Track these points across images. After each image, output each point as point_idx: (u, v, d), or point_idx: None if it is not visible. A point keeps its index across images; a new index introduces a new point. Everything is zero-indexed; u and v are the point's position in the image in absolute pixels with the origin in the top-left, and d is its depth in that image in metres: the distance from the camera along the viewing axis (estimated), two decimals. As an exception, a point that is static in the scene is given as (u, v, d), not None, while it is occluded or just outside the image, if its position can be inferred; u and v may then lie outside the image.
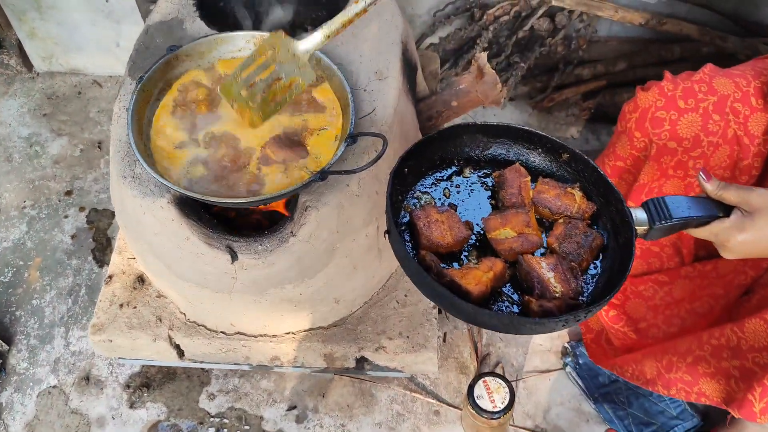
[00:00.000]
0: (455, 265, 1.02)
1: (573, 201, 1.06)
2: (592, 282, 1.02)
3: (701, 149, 1.37)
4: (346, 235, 1.38)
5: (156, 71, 1.29)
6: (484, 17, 2.11)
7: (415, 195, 1.09)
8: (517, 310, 0.98)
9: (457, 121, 1.67)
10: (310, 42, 1.11)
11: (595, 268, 1.03)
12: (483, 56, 1.55)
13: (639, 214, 1.00)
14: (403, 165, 1.05)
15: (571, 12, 2.09)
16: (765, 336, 1.23)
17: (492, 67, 2.13)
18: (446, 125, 1.12)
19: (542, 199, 1.07)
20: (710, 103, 1.35)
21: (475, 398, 1.51)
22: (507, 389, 1.52)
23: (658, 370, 1.40)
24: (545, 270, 0.97)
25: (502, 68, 2.17)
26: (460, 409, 1.67)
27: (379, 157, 1.17)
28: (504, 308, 0.98)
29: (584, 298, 0.99)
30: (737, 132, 1.35)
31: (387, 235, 1.00)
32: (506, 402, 1.51)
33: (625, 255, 0.98)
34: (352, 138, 1.23)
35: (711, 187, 1.01)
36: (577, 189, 1.08)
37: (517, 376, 1.74)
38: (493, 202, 1.10)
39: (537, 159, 1.14)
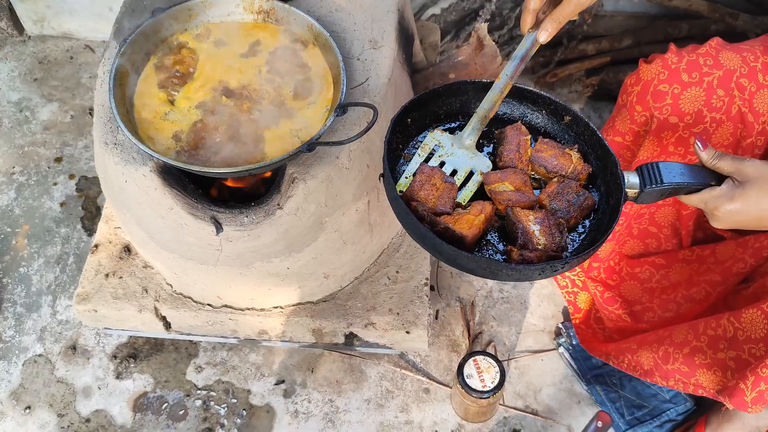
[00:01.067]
0: None
1: (569, 161, 1.07)
2: (578, 240, 1.04)
3: (703, 125, 1.33)
4: (336, 208, 1.34)
5: (140, 34, 1.24)
6: (488, -12, 2.05)
7: (416, 144, 1.10)
8: (500, 259, 1.00)
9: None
10: (473, 134, 1.08)
11: (583, 227, 1.05)
12: (483, 27, 1.50)
13: (631, 178, 1.00)
14: (405, 114, 1.07)
15: (576, -16, 2.02)
16: (762, 327, 1.20)
17: (494, 39, 2.08)
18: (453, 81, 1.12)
19: (539, 157, 1.07)
20: (715, 78, 1.30)
21: (465, 377, 1.49)
22: (497, 369, 1.50)
23: (655, 361, 1.38)
24: (531, 223, 0.99)
25: (504, 41, 2.12)
26: (450, 388, 1.65)
27: (369, 128, 1.13)
28: (488, 255, 1.00)
29: (567, 254, 1.01)
30: (741, 108, 1.30)
31: (381, 179, 1.02)
32: (496, 382, 1.49)
33: (612, 215, 1.00)
34: (342, 108, 1.19)
35: (706, 156, 1.00)
36: (575, 150, 1.08)
37: (509, 355, 1.71)
38: (492, 157, 1.11)
39: (540, 120, 1.15)
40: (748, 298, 1.37)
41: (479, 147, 1.11)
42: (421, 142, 1.10)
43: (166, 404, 1.64)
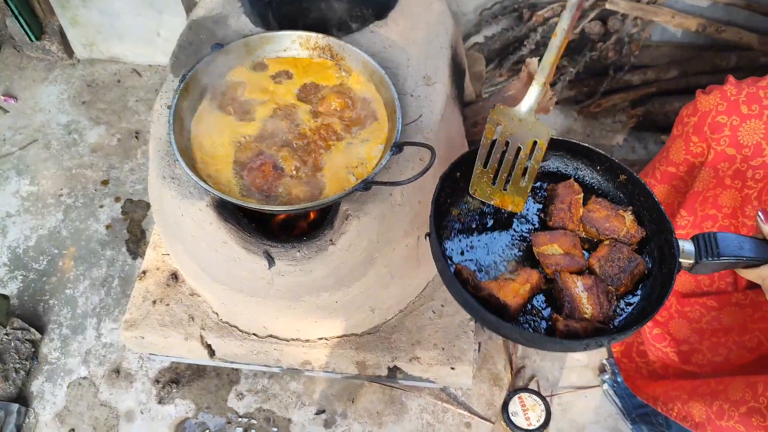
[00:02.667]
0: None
1: (622, 224, 1.04)
2: (627, 309, 1.00)
3: (762, 158, 1.30)
4: (386, 244, 1.34)
5: (198, 69, 1.26)
6: (533, 18, 2.04)
7: (465, 201, 1.08)
8: (545, 326, 0.97)
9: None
10: (530, 99, 1.04)
11: (634, 295, 1.01)
12: (534, 62, 1.49)
13: (687, 247, 0.97)
14: (455, 170, 1.06)
15: (624, 16, 2.01)
16: None
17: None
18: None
19: (591, 218, 1.05)
20: None
21: (510, 414, 1.47)
22: (543, 407, 1.48)
23: (708, 415, 1.34)
24: (579, 290, 0.97)
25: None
26: (492, 423, 1.63)
27: (426, 170, 1.12)
28: (532, 322, 0.97)
29: (614, 324, 0.98)
30: None
31: (427, 238, 1.01)
32: (542, 420, 1.46)
33: (665, 286, 0.96)
34: (398, 147, 1.19)
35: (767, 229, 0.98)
36: (629, 213, 1.05)
37: (552, 391, 1.69)
38: (542, 215, 1.09)
39: (594, 177, 1.12)
40: None
41: (534, 193, 1.09)
42: (470, 197, 1.08)
43: (207, 431, 1.64)
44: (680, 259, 0.96)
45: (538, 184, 1.11)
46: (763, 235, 0.98)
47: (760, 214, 0.98)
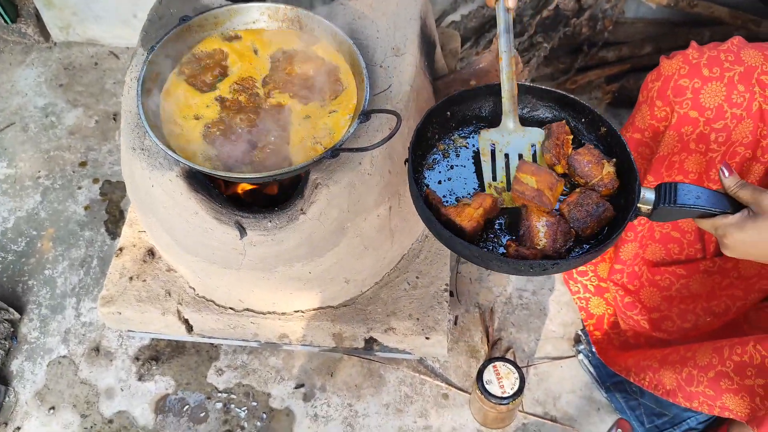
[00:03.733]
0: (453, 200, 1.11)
1: (599, 172, 1.09)
2: (584, 248, 1.06)
3: (724, 121, 1.32)
4: (357, 214, 1.35)
5: (167, 41, 1.27)
6: (508, -5, 2.05)
7: (452, 137, 1.17)
8: (501, 251, 1.05)
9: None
10: (509, 118, 1.15)
11: (595, 237, 1.07)
12: (504, 35, 1.50)
13: (648, 194, 1.02)
14: (446, 107, 1.14)
15: (597, -9, 2.03)
16: None
17: (514, 46, 2.09)
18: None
19: (575, 160, 1.11)
20: (736, 73, 1.29)
21: (484, 383, 1.49)
22: (517, 375, 1.50)
23: (678, 382, 1.37)
24: (540, 224, 1.03)
25: (524, 48, 2.12)
26: (469, 393, 1.65)
27: (392, 135, 1.14)
28: (491, 246, 1.05)
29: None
30: (762, 106, 1.30)
31: (405, 163, 1.08)
32: (515, 388, 1.49)
33: (616, 227, 1.02)
34: (365, 115, 1.20)
35: (730, 182, 1.01)
36: (611, 164, 1.10)
37: (528, 362, 1.71)
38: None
39: (579, 127, 1.18)
40: None
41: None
42: (459, 136, 1.16)
43: (187, 406, 1.66)
44: (639, 204, 1.01)
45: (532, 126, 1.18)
46: (724, 188, 1.01)
47: (723, 168, 1.00)
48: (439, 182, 1.12)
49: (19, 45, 2.34)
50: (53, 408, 1.65)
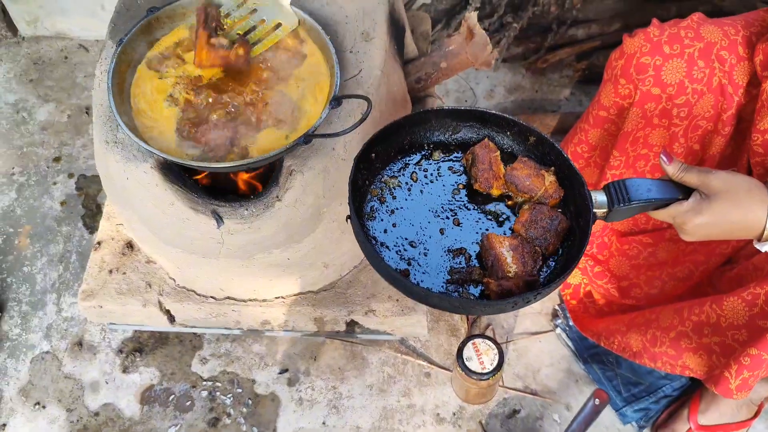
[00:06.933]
0: None
1: (542, 184, 1.05)
2: (552, 264, 1.03)
3: (686, 96, 1.36)
4: (333, 199, 1.37)
5: (136, 33, 1.26)
6: (477, -24, 2.07)
7: (383, 179, 1.09)
8: (477, 291, 0.99)
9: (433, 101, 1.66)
10: None
11: (560, 251, 1.04)
12: (473, 16, 1.52)
13: (599, 197, 1.00)
14: (369, 150, 1.05)
15: (564, -30, 2.04)
16: (743, 314, 1.24)
17: (484, 27, 2.10)
18: (414, 110, 1.10)
19: (513, 176, 1.06)
20: (696, 50, 1.33)
21: (465, 360, 1.52)
22: (496, 351, 1.53)
23: (643, 343, 1.42)
24: (505, 249, 0.98)
25: (495, 29, 2.13)
26: (451, 371, 1.68)
27: (364, 119, 1.15)
28: (460, 290, 0.99)
29: (541, 281, 1.00)
30: (722, 81, 1.33)
31: (348, 220, 1.01)
32: (495, 363, 1.52)
33: (583, 237, 0.98)
34: (336, 101, 1.21)
35: (672, 169, 1.00)
36: (551, 173, 1.06)
37: (508, 338, 1.75)
38: (461, 185, 1.10)
39: (506, 142, 1.12)
40: (732, 279, 1.41)
41: (459, 191, 1.09)
42: (388, 176, 1.09)
43: (172, 396, 1.67)
44: (594, 210, 0.99)
45: (453, 155, 1.12)
46: (668, 176, 1.01)
47: (663, 156, 1.00)
48: (385, 231, 1.04)
49: (-14, 41, 2.31)
50: (38, 403, 1.66)
